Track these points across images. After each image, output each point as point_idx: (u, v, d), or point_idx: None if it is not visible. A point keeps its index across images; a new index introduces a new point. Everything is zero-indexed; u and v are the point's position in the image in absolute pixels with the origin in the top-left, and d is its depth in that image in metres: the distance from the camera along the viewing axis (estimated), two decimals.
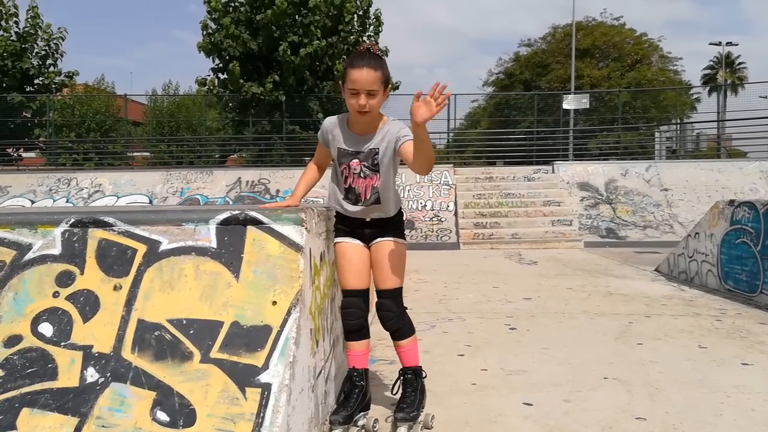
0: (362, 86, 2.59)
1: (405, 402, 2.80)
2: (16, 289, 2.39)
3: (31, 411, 2.16)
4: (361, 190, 2.81)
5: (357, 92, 2.61)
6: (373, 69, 2.60)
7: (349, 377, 2.86)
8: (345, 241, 2.88)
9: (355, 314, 2.83)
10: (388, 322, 2.86)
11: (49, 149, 21.84)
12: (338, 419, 2.65)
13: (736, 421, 2.91)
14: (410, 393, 2.84)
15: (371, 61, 2.61)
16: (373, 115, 2.71)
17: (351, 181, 2.81)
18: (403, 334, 2.90)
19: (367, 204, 2.82)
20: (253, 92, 19.08)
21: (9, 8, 21.42)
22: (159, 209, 2.70)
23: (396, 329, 2.88)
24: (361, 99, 2.61)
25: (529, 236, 13.13)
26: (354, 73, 2.59)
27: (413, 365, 2.92)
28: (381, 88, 2.65)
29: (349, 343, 2.88)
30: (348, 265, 2.85)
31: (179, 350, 2.23)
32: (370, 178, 2.79)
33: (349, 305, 2.84)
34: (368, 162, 2.77)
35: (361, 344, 2.87)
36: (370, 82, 2.59)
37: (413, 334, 2.95)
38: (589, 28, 34.07)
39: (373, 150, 2.76)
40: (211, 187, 15.80)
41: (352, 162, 2.79)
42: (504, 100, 32.44)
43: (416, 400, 2.82)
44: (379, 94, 2.65)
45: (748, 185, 14.47)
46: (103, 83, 34.81)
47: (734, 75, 44.25)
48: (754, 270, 6.00)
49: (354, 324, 2.84)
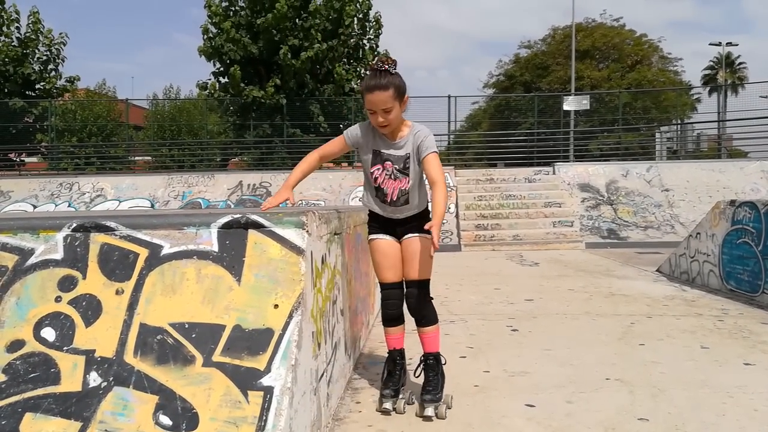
0: (377, 107, 2.83)
1: (430, 385, 3.09)
2: (18, 294, 2.40)
3: (34, 416, 2.16)
4: (389, 191, 3.06)
5: (374, 112, 2.86)
6: (383, 89, 2.81)
7: (391, 357, 3.24)
8: (379, 237, 3.18)
9: (394, 305, 3.19)
10: (415, 308, 3.12)
11: (51, 154, 21.88)
12: (389, 393, 3.08)
13: (738, 422, 2.90)
14: (433, 377, 3.13)
15: (381, 80, 2.82)
16: (395, 125, 2.95)
17: (381, 182, 3.06)
18: (428, 321, 3.17)
19: (396, 205, 3.09)
20: (254, 96, 19.12)
21: (10, 14, 21.50)
22: (160, 213, 2.71)
23: (421, 317, 3.15)
24: (379, 117, 2.87)
25: (530, 238, 13.12)
26: (368, 96, 2.84)
27: (434, 351, 3.19)
28: (396, 103, 2.86)
29: (388, 329, 3.26)
30: (384, 260, 3.16)
31: (181, 354, 2.24)
32: (400, 180, 3.04)
33: (389, 297, 3.19)
34: (400, 165, 3.03)
35: (398, 329, 3.25)
36: (383, 102, 2.82)
37: (437, 322, 3.22)
38: (589, 30, 34.09)
39: (404, 156, 3.01)
40: (212, 190, 15.82)
41: (386, 163, 3.04)
42: (504, 101, 32.45)
43: (439, 383, 3.12)
44: (395, 108, 2.86)
45: (749, 185, 14.46)
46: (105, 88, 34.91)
47: (734, 75, 44.23)
48: (755, 270, 6.00)
49: (393, 313, 3.20)
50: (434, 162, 2.93)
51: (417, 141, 2.97)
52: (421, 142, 2.96)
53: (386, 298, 3.20)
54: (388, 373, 3.21)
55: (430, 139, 2.98)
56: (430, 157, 2.93)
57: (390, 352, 3.27)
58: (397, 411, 3.06)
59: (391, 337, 3.26)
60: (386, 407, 3.04)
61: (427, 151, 2.93)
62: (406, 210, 3.10)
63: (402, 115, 2.97)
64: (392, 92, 2.82)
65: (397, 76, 2.88)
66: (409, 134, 3.00)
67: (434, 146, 2.98)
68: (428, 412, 2.97)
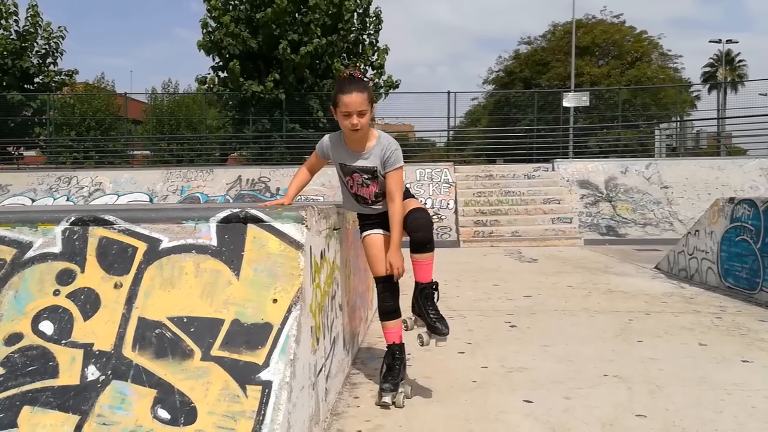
0: (354, 108, 2.95)
1: (435, 315, 3.14)
2: (16, 288, 2.39)
3: (32, 409, 2.16)
4: (366, 196, 3.24)
5: (349, 113, 2.96)
6: (361, 92, 2.96)
7: (390, 352, 3.28)
8: (372, 232, 3.31)
9: (389, 297, 3.26)
10: (423, 228, 3.11)
11: (50, 148, 21.82)
12: (389, 387, 3.11)
13: (736, 418, 2.91)
14: (431, 308, 3.16)
15: (358, 85, 2.98)
16: (365, 131, 3.05)
17: (356, 190, 3.24)
18: (431, 245, 3.15)
19: (377, 204, 3.26)
20: (253, 90, 19.06)
21: (9, 6, 21.40)
22: (159, 207, 2.71)
23: (427, 239, 3.12)
24: (354, 119, 2.96)
25: (529, 234, 13.13)
26: (345, 97, 2.95)
27: (429, 281, 3.18)
28: (368, 107, 3.00)
29: (386, 323, 3.31)
30: (379, 254, 3.26)
31: (180, 348, 2.24)
32: (371, 185, 3.19)
33: (384, 290, 3.26)
34: (368, 176, 3.17)
35: (396, 323, 3.30)
36: (359, 104, 2.95)
37: (433, 251, 3.20)
38: (589, 26, 34.02)
39: (371, 168, 3.14)
40: (211, 185, 15.80)
41: (355, 175, 3.19)
42: (504, 97, 32.39)
43: (439, 313, 3.17)
44: (368, 113, 3.00)
45: (748, 182, 14.47)
46: (103, 82, 34.82)
47: (734, 72, 44.17)
48: (754, 267, 6.00)
49: (389, 306, 3.26)
50: (395, 177, 3.09)
51: (384, 155, 3.09)
52: (387, 158, 3.08)
53: (382, 292, 3.27)
54: (387, 367, 3.23)
55: (396, 154, 3.09)
56: (393, 173, 3.09)
57: (389, 347, 3.30)
58: (396, 405, 3.07)
59: (389, 330, 3.30)
60: (385, 401, 3.06)
61: (391, 167, 3.09)
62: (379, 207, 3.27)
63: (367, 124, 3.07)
64: (367, 96, 2.98)
65: (369, 85, 3.10)
66: (376, 146, 3.11)
67: (400, 161, 3.11)
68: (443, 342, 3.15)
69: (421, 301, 3.18)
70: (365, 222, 3.35)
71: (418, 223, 3.12)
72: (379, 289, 3.29)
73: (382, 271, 3.24)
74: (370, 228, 3.32)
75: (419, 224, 3.12)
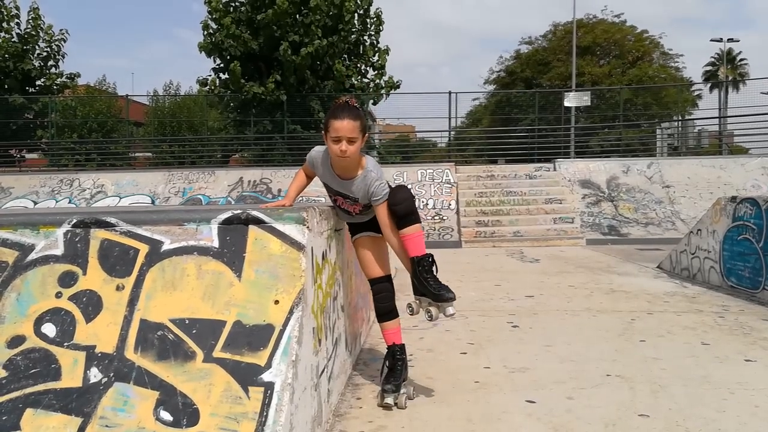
0: (344, 134, 2.92)
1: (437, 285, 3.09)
2: (19, 290, 2.40)
3: (35, 411, 2.16)
4: (351, 211, 3.28)
5: (339, 139, 2.93)
6: (353, 119, 2.93)
7: (391, 353, 3.27)
8: (362, 236, 3.34)
9: (385, 298, 3.26)
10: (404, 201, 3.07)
11: (52, 150, 21.84)
12: (391, 388, 3.09)
13: (739, 418, 2.90)
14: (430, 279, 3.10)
15: (351, 112, 2.95)
16: (353, 159, 3.03)
17: (341, 205, 3.27)
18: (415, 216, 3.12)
19: (362, 215, 3.29)
20: (254, 92, 19.07)
21: (10, 9, 21.43)
22: (161, 209, 2.71)
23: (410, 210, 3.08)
24: (343, 146, 2.93)
25: (531, 234, 13.12)
26: (336, 123, 2.92)
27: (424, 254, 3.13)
28: (360, 136, 2.97)
29: (384, 324, 3.29)
30: (368, 256, 3.29)
31: (182, 350, 2.24)
32: (356, 205, 3.22)
33: (380, 291, 3.27)
34: (351, 201, 3.20)
35: (394, 323, 3.29)
36: (350, 130, 2.92)
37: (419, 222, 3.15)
38: (590, 26, 34.01)
39: (354, 197, 3.16)
40: (213, 187, 15.81)
41: (337, 198, 3.24)
42: (505, 97, 32.42)
43: (439, 282, 3.11)
44: (358, 141, 2.97)
45: (750, 181, 14.44)
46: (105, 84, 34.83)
47: (735, 71, 44.08)
48: (756, 266, 5.99)
49: (386, 306, 3.26)
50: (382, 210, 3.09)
51: (369, 191, 3.07)
52: (372, 193, 3.07)
53: (377, 293, 3.28)
54: (389, 368, 3.23)
55: (380, 188, 3.06)
56: (380, 207, 3.09)
57: (389, 348, 3.30)
58: (398, 406, 3.06)
59: (388, 331, 3.30)
60: (388, 402, 3.06)
61: (377, 200, 3.08)
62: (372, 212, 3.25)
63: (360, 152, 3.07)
64: (359, 124, 2.96)
65: (363, 113, 3.07)
66: (360, 178, 3.09)
67: (382, 191, 3.07)
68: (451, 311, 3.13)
69: (420, 274, 3.10)
70: (354, 228, 3.40)
71: (399, 197, 3.09)
72: (375, 291, 3.30)
73: (376, 273, 3.28)
74: (359, 232, 3.36)
75: (399, 197, 3.09)
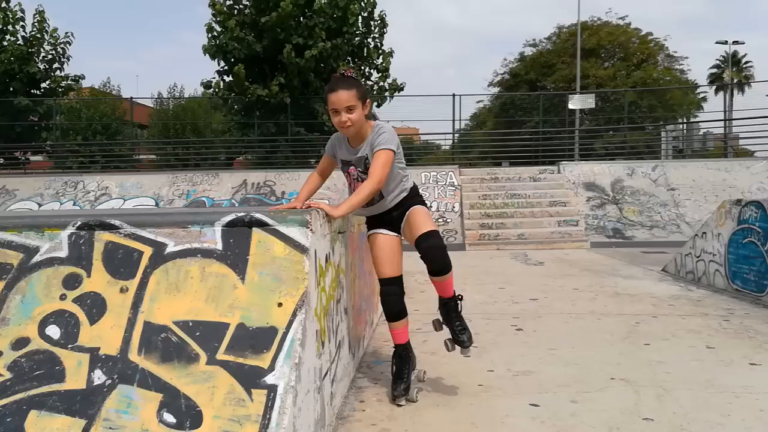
0: (340, 105, 2.96)
1: (460, 326, 3.23)
2: (23, 292, 2.40)
3: (39, 413, 2.17)
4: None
5: (336, 110, 2.98)
6: (347, 89, 2.96)
7: (397, 353, 3.28)
8: (377, 232, 3.30)
9: (394, 300, 3.24)
10: (439, 259, 3.11)
11: (56, 152, 21.93)
12: (400, 392, 3.14)
13: (744, 422, 2.89)
14: (455, 319, 3.25)
15: (345, 83, 2.99)
16: (358, 127, 3.05)
17: (354, 186, 3.21)
18: (448, 269, 3.18)
19: (373, 204, 3.23)
20: (258, 94, 19.10)
21: (15, 12, 21.54)
22: (165, 212, 2.72)
23: (444, 266, 3.14)
24: (342, 116, 2.97)
25: (535, 237, 13.10)
26: (331, 96, 2.98)
27: (451, 296, 3.27)
28: (359, 103, 2.99)
29: (392, 324, 3.28)
30: (382, 254, 3.25)
31: (185, 352, 2.24)
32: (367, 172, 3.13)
33: (388, 293, 3.24)
34: (361, 167, 3.15)
35: (401, 323, 3.28)
36: (345, 100, 2.96)
37: (451, 269, 3.21)
38: (595, 28, 33.97)
39: (362, 157, 3.14)
40: (217, 189, 15.84)
41: (350, 169, 3.21)
42: (509, 100, 32.40)
43: (465, 323, 3.26)
44: (357, 108, 2.99)
45: (756, 184, 14.39)
46: (109, 86, 34.99)
47: (741, 74, 43.98)
48: (762, 270, 5.97)
49: (395, 307, 3.25)
50: (380, 158, 3.01)
51: (373, 141, 3.06)
52: (375, 142, 3.04)
53: (386, 294, 3.25)
54: (397, 370, 3.23)
55: (384, 137, 3.04)
56: (378, 153, 3.02)
57: (396, 347, 3.30)
58: (409, 400, 3.15)
59: (396, 332, 3.29)
60: (400, 404, 3.12)
61: (377, 147, 3.03)
62: (387, 203, 3.24)
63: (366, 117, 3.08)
64: (355, 92, 2.97)
65: (361, 82, 3.08)
66: (370, 136, 3.10)
67: (387, 143, 3.03)
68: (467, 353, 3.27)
69: (445, 315, 3.27)
70: (370, 221, 3.38)
71: (432, 255, 3.10)
72: (385, 291, 3.26)
73: (387, 273, 3.23)
74: (375, 227, 3.33)
75: (433, 255, 3.10)
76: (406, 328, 3.32)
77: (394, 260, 3.27)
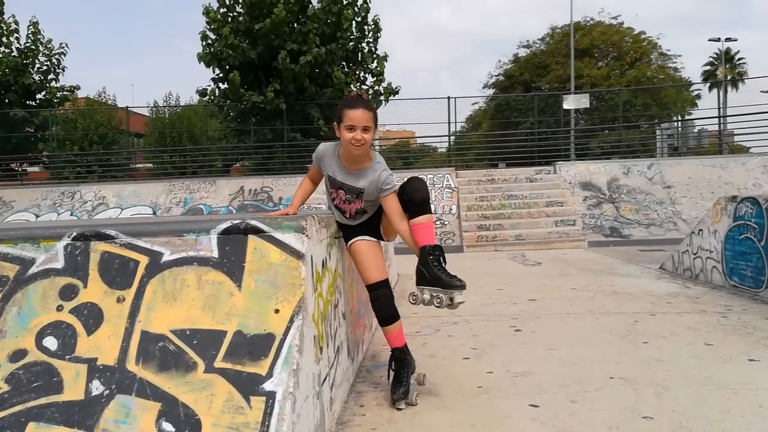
0: (359, 123, 3.02)
1: (444, 275, 3.16)
2: (20, 304, 2.40)
3: (38, 425, 2.17)
4: (346, 209, 3.31)
5: (353, 127, 3.02)
6: (368, 109, 3.07)
7: (394, 357, 3.26)
8: (357, 239, 3.32)
9: (385, 303, 3.24)
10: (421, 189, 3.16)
11: (53, 163, 21.92)
12: (399, 396, 3.14)
13: (743, 418, 2.89)
14: (443, 264, 3.20)
15: (365, 104, 3.09)
16: (366, 148, 3.11)
17: (338, 203, 3.31)
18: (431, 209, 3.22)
19: (355, 219, 3.33)
20: (253, 101, 19.11)
21: (9, 24, 21.55)
22: (160, 220, 2.72)
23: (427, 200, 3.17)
24: (358, 134, 3.02)
25: (532, 237, 13.11)
26: (351, 112, 3.03)
27: (433, 243, 3.20)
28: (373, 126, 3.09)
29: (386, 328, 3.27)
30: (367, 260, 3.27)
31: (183, 361, 2.24)
32: (354, 203, 3.27)
33: (379, 297, 3.24)
34: (352, 195, 3.25)
35: (395, 326, 3.26)
36: (364, 120, 3.03)
37: (432, 212, 3.25)
38: (588, 28, 34.07)
39: (359, 189, 3.22)
40: (214, 196, 15.83)
41: (339, 191, 3.28)
42: (504, 101, 32.46)
43: (449, 274, 3.18)
44: (371, 131, 3.07)
45: (751, 180, 14.43)
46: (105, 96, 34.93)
47: (734, 71, 44.10)
48: (758, 265, 5.98)
49: (388, 311, 3.24)
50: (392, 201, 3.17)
51: (379, 183, 3.16)
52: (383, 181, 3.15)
53: (377, 299, 3.25)
54: (395, 374, 3.23)
55: (390, 177, 3.17)
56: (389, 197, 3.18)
57: (393, 350, 3.29)
58: (409, 404, 3.15)
59: (390, 335, 3.28)
60: (400, 408, 3.12)
61: (386, 192, 3.17)
62: (365, 217, 3.36)
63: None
64: (372, 115, 3.08)
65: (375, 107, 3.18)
66: (369, 170, 3.18)
67: (394, 181, 3.19)
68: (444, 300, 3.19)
69: (431, 263, 3.14)
70: (347, 232, 3.39)
71: (416, 185, 3.16)
72: (374, 296, 3.26)
73: (373, 278, 3.24)
74: (353, 236, 3.35)
75: (417, 186, 3.16)
76: (401, 330, 3.31)
77: (380, 264, 3.30)
